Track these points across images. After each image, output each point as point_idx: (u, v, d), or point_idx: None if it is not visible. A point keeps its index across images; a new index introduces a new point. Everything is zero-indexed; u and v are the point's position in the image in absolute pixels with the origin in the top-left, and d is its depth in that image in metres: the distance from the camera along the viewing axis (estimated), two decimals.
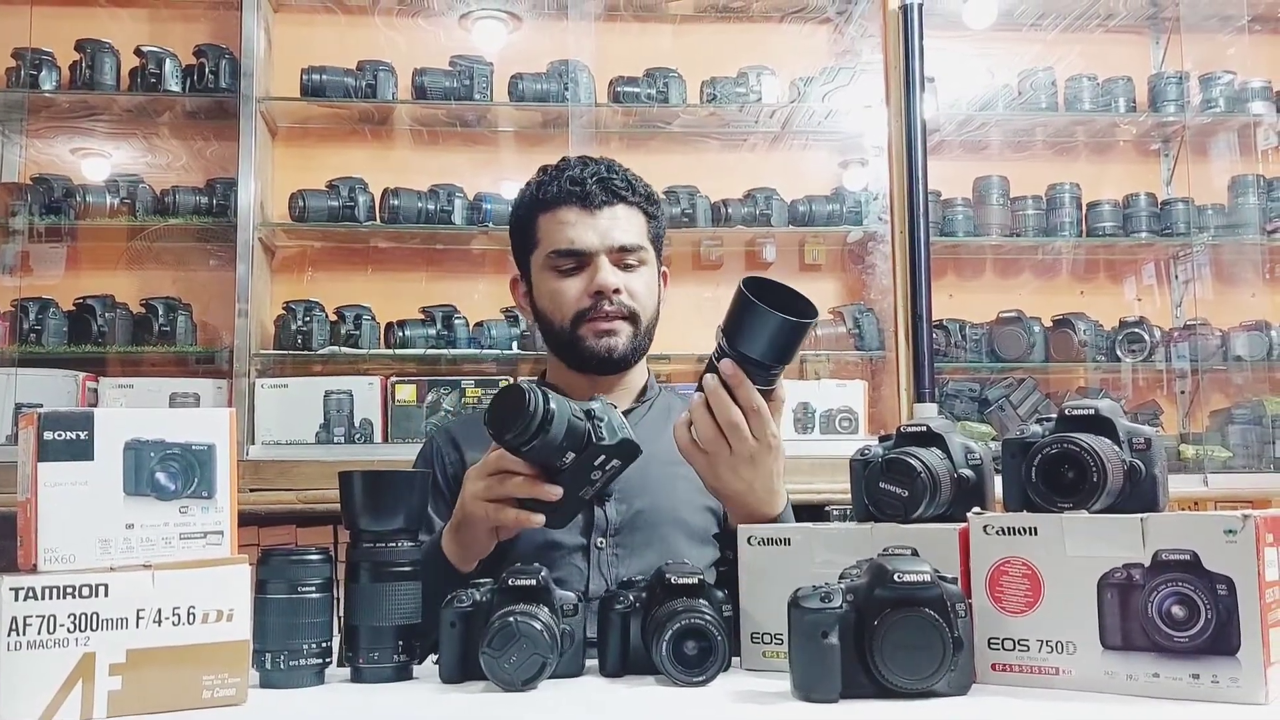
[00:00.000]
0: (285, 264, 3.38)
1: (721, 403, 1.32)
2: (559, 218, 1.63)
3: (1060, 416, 1.15)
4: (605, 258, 1.61)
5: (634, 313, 1.62)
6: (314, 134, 3.43)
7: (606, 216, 1.62)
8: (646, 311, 1.65)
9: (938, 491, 1.18)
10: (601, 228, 1.62)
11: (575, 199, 1.62)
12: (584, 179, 1.63)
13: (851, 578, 1.07)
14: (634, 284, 1.63)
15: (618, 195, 1.63)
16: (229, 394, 2.99)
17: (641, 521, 1.58)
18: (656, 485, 1.60)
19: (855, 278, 3.52)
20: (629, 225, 1.64)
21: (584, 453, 1.29)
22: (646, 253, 1.66)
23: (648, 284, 1.65)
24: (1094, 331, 3.39)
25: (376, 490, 1.20)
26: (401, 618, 1.18)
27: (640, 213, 1.67)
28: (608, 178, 1.64)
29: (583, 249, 1.61)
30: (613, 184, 1.63)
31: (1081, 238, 3.49)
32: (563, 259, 1.62)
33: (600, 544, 1.56)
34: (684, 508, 1.60)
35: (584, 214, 1.62)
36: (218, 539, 1.09)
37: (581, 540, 1.57)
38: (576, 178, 1.63)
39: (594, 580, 1.54)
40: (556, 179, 1.65)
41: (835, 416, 3.09)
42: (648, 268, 1.66)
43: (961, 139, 3.53)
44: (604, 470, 1.31)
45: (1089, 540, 1.06)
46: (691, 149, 3.49)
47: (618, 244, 1.62)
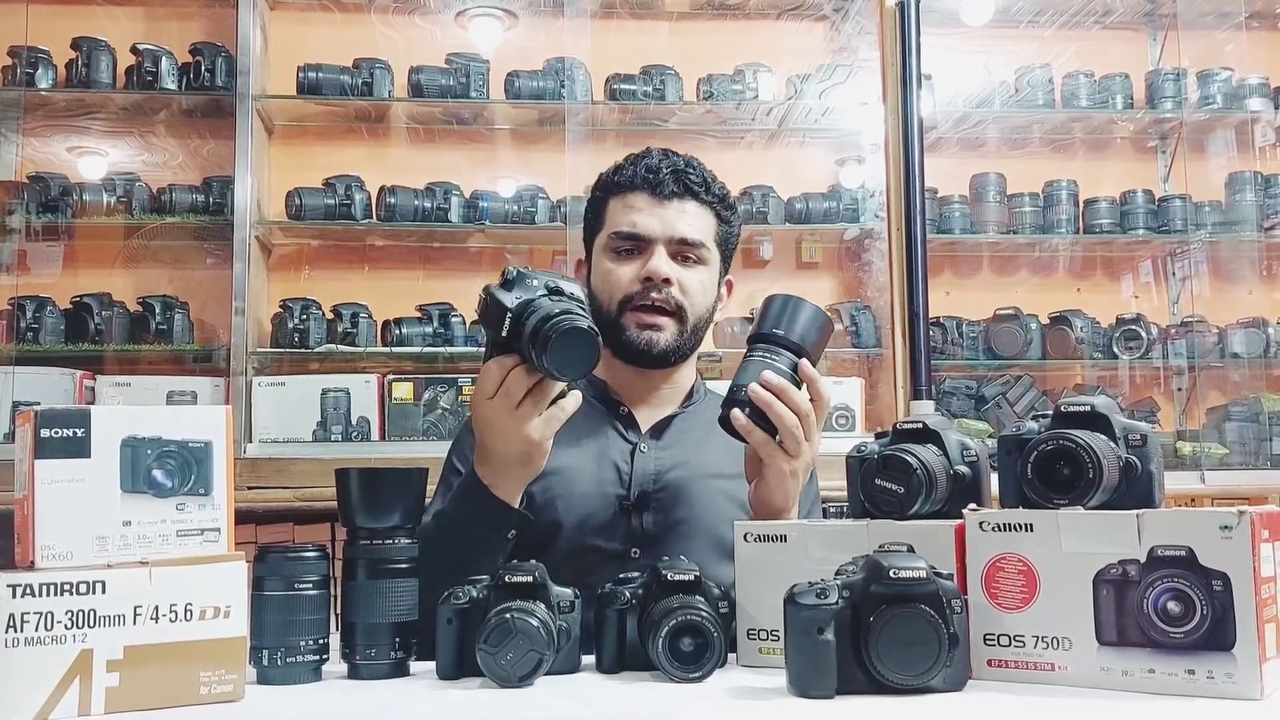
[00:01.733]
0: (282, 262, 3.38)
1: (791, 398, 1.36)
2: (627, 201, 1.62)
3: (1056, 413, 1.15)
4: (663, 247, 1.59)
5: (681, 308, 1.59)
6: (310, 132, 3.43)
7: (675, 208, 1.60)
8: (696, 310, 1.61)
9: (934, 488, 1.18)
10: (667, 218, 1.60)
11: (647, 185, 1.61)
12: (659, 168, 1.61)
13: (847, 574, 1.07)
14: (688, 279, 1.60)
15: (690, 190, 1.61)
16: (226, 392, 2.99)
17: (678, 534, 1.55)
18: (695, 497, 1.58)
19: (852, 275, 3.52)
20: (696, 220, 1.62)
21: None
22: (708, 252, 1.63)
23: (703, 283, 1.62)
24: (1091, 329, 3.39)
25: (373, 488, 1.20)
26: (398, 615, 1.18)
27: (711, 213, 1.64)
28: (684, 170, 1.62)
29: (643, 234, 1.59)
30: (688, 177, 1.61)
31: (1078, 235, 3.50)
32: (622, 241, 1.60)
33: (635, 553, 1.54)
34: (721, 523, 1.55)
35: (652, 201, 1.60)
36: (215, 536, 1.09)
37: (619, 548, 1.55)
38: (653, 166, 1.62)
39: None
40: (634, 164, 1.64)
41: (832, 414, 3.09)
42: (706, 268, 1.63)
43: (958, 136, 3.54)
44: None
45: (1085, 536, 1.06)
46: (688, 146, 3.43)
47: (679, 235, 1.59)
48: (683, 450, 1.62)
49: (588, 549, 1.54)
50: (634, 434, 1.63)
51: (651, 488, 1.58)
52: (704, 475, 1.59)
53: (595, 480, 1.57)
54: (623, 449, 1.61)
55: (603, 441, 1.61)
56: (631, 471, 1.59)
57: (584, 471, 1.58)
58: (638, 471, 1.59)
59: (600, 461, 1.59)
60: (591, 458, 1.59)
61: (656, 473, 1.59)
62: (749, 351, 1.41)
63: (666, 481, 1.59)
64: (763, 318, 1.43)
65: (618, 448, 1.61)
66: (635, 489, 1.57)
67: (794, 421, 1.36)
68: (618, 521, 1.55)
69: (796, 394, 1.37)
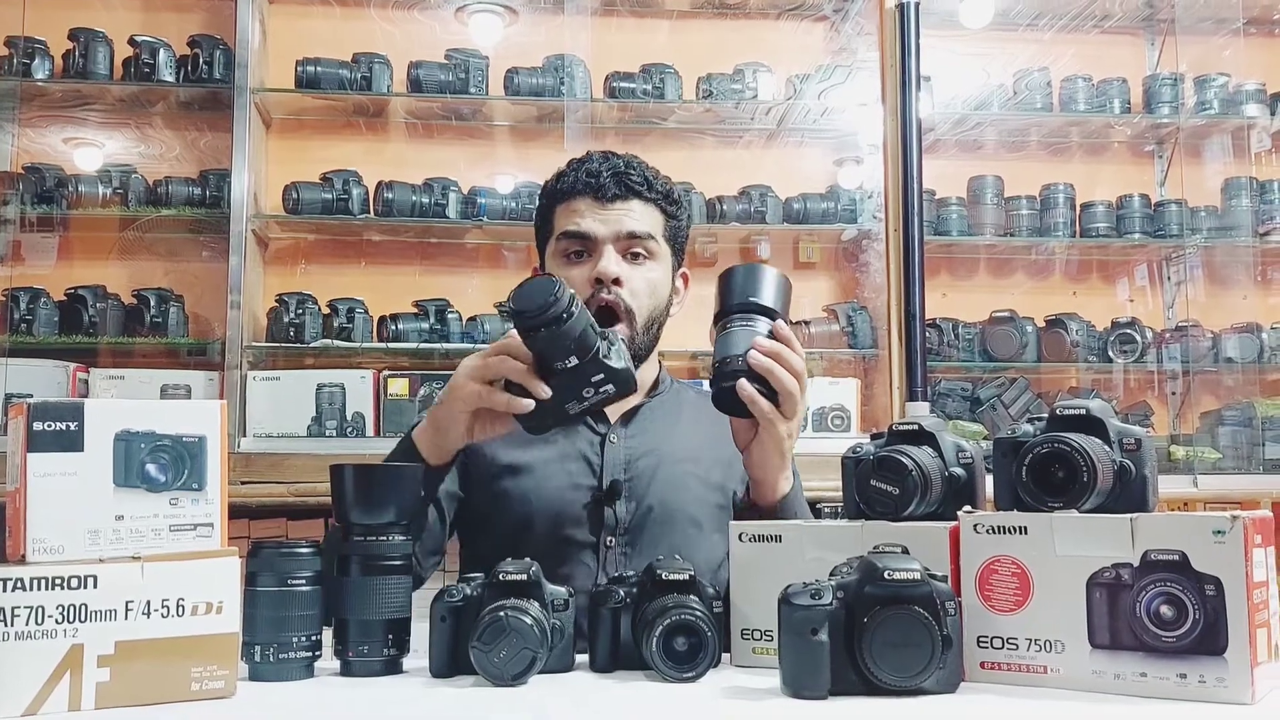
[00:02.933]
0: (278, 256, 3.38)
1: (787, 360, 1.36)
2: (572, 207, 1.64)
3: (1051, 416, 1.16)
4: (611, 247, 1.61)
5: (630, 311, 1.60)
6: (308, 126, 3.42)
7: (619, 209, 1.62)
8: (645, 309, 1.63)
9: (929, 490, 1.18)
10: (611, 219, 1.62)
11: (589, 190, 1.63)
12: (599, 171, 1.63)
13: (842, 575, 1.07)
14: (637, 279, 1.62)
15: (632, 190, 1.63)
16: (220, 386, 2.98)
17: (651, 520, 1.59)
18: (666, 483, 1.61)
19: (849, 276, 3.52)
20: (642, 217, 1.64)
21: (587, 362, 1.28)
22: (657, 245, 1.65)
23: (652, 281, 1.64)
24: (1086, 332, 3.39)
25: (368, 484, 1.20)
26: (392, 612, 1.18)
27: (657, 209, 1.66)
28: (624, 172, 1.64)
29: (589, 235, 1.61)
30: (629, 178, 1.63)
31: (1075, 238, 3.50)
32: (570, 242, 1.62)
33: (610, 542, 1.57)
34: (694, 504, 1.62)
35: (595, 205, 1.62)
36: (208, 531, 1.09)
37: (591, 538, 1.57)
38: (593, 170, 1.64)
39: (602, 578, 1.54)
40: (575, 170, 1.66)
41: (828, 414, 3.09)
42: (656, 262, 1.65)
43: (956, 138, 3.54)
44: (596, 390, 1.29)
45: (1078, 540, 1.06)
46: (687, 145, 3.49)
47: (625, 230, 1.61)
48: (652, 437, 1.65)
49: (562, 541, 1.57)
50: (603, 425, 1.65)
51: (622, 476, 1.60)
52: (674, 460, 1.62)
53: (565, 473, 1.60)
54: (592, 440, 1.64)
55: (572, 435, 1.64)
56: (602, 462, 1.61)
57: (554, 465, 1.61)
58: (608, 461, 1.61)
59: (570, 454, 1.62)
60: (561, 451, 1.62)
61: (627, 460, 1.62)
62: (724, 324, 1.39)
63: (637, 469, 1.62)
64: (727, 290, 1.41)
65: (586, 440, 1.64)
66: (606, 478, 1.60)
67: (794, 383, 1.35)
68: (590, 512, 1.58)
69: (790, 354, 1.36)
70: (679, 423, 1.66)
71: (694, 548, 1.57)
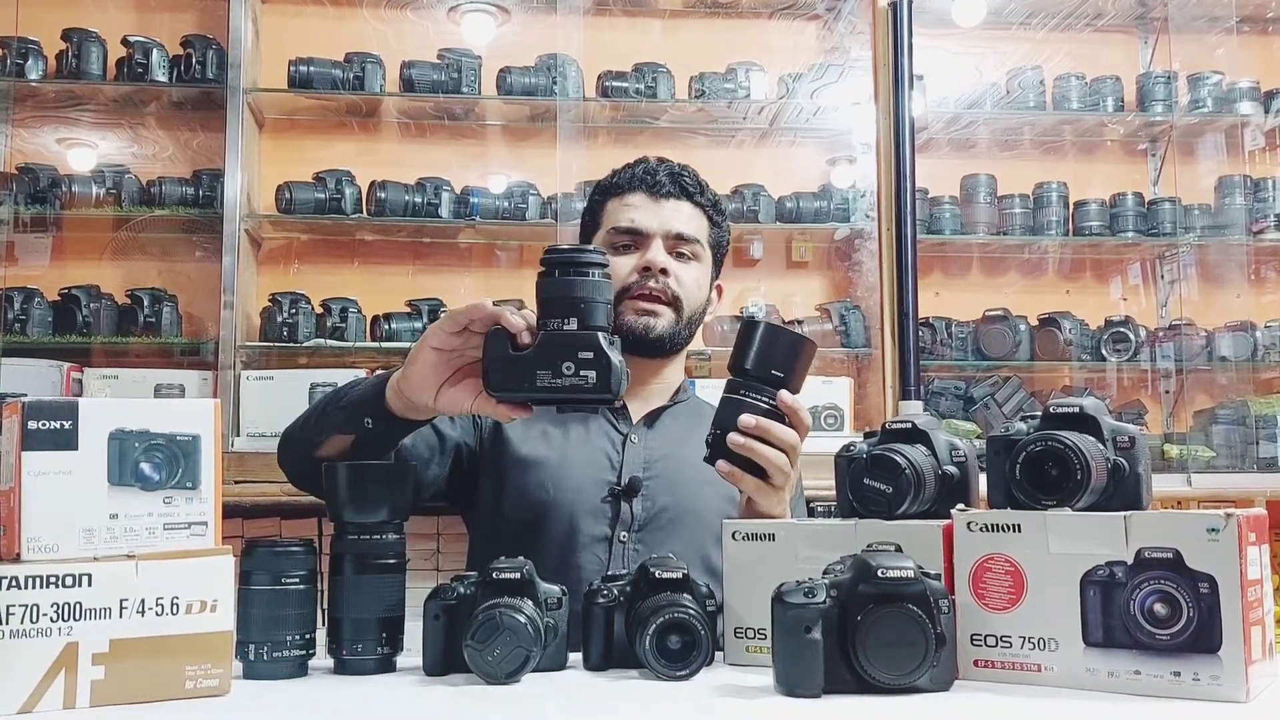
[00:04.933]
0: (271, 256, 3.37)
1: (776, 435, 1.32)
2: (625, 201, 1.70)
3: (1045, 414, 1.16)
4: (660, 240, 1.67)
5: (677, 298, 1.66)
6: (301, 126, 3.42)
7: (670, 207, 1.69)
8: (690, 302, 1.68)
9: (922, 488, 1.18)
10: (663, 215, 1.68)
11: (644, 186, 1.69)
12: (657, 170, 1.71)
13: (835, 573, 1.07)
14: (683, 272, 1.67)
15: (686, 192, 1.70)
16: (214, 385, 2.98)
17: (666, 519, 1.61)
18: (683, 485, 1.63)
19: (842, 275, 3.53)
20: (690, 219, 1.70)
21: (584, 332, 1.17)
22: (702, 249, 1.71)
23: (696, 278, 1.70)
24: (1079, 330, 3.40)
25: (362, 483, 1.20)
26: (386, 610, 1.18)
27: (704, 215, 1.73)
28: (680, 174, 1.71)
29: (641, 228, 1.67)
30: (683, 180, 1.71)
31: (1068, 237, 3.50)
32: (620, 236, 1.67)
33: (624, 538, 1.59)
34: (707, 509, 1.62)
35: (649, 200, 1.69)
36: (202, 530, 1.09)
37: (606, 532, 1.59)
38: (651, 168, 1.71)
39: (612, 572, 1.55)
40: (632, 168, 1.73)
41: (821, 413, 3.09)
42: (700, 264, 1.71)
43: (949, 137, 3.54)
44: (578, 371, 1.16)
45: (1072, 538, 1.07)
46: (679, 145, 3.48)
47: (675, 230, 1.67)
48: (672, 442, 1.67)
49: (576, 532, 1.58)
50: (625, 424, 1.68)
51: (642, 474, 1.62)
52: (692, 465, 1.61)
53: (585, 465, 1.62)
54: (614, 438, 1.66)
55: (594, 430, 1.66)
56: (622, 459, 1.63)
57: (574, 457, 1.63)
58: (628, 459, 1.63)
59: (590, 449, 1.64)
60: (582, 445, 1.64)
61: (647, 461, 1.64)
62: (727, 388, 1.35)
63: (656, 470, 1.64)
64: (741, 349, 1.34)
65: (609, 436, 1.66)
66: (625, 476, 1.61)
67: (780, 459, 1.32)
68: (607, 507, 1.60)
69: (779, 430, 1.32)
70: (696, 429, 1.66)
71: (705, 550, 1.58)
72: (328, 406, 1.42)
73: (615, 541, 1.59)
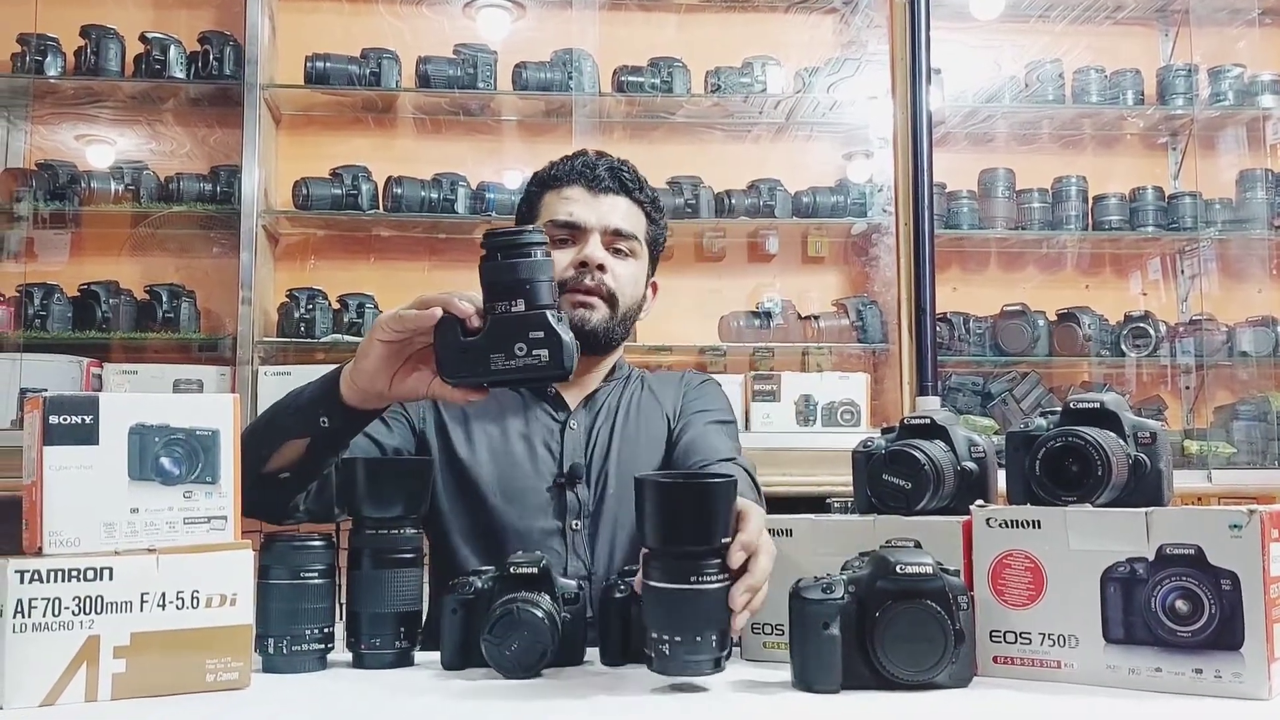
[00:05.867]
0: (288, 252, 3.39)
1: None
2: (563, 194, 1.68)
3: (1065, 409, 1.15)
4: (598, 235, 1.65)
5: (613, 294, 1.65)
6: (318, 122, 3.43)
7: (608, 202, 1.67)
8: (626, 299, 1.67)
9: (941, 484, 1.18)
10: (601, 209, 1.67)
11: (583, 180, 1.68)
12: (595, 164, 1.69)
13: (853, 569, 1.07)
14: (620, 269, 1.66)
15: (624, 187, 1.69)
16: (232, 381, 3.00)
17: (613, 500, 1.61)
18: (629, 461, 1.63)
19: (858, 270, 3.52)
20: (628, 215, 1.69)
21: (532, 312, 1.16)
22: (639, 245, 1.70)
23: (633, 274, 1.69)
24: (1099, 326, 3.38)
25: (379, 477, 1.21)
26: (403, 604, 1.19)
27: (641, 211, 1.72)
28: (618, 168, 1.70)
29: (579, 223, 1.65)
30: (622, 175, 1.69)
31: (1087, 231, 3.49)
32: (558, 229, 1.66)
33: (576, 525, 1.59)
34: None
35: (587, 194, 1.67)
36: (221, 524, 1.10)
37: (557, 523, 1.59)
38: (589, 162, 1.70)
39: (571, 562, 1.57)
40: (570, 161, 1.71)
41: (837, 409, 3.09)
42: (637, 261, 1.70)
43: (967, 131, 3.53)
44: (530, 351, 1.15)
45: (1093, 534, 1.06)
46: (695, 139, 3.49)
47: (612, 226, 1.66)
48: (609, 420, 1.68)
49: (528, 530, 1.58)
50: (562, 413, 1.68)
51: (582, 459, 1.63)
52: (631, 442, 1.65)
53: (526, 460, 1.62)
54: (551, 428, 1.66)
55: (531, 423, 1.66)
56: (562, 448, 1.63)
57: (514, 454, 1.62)
58: (568, 447, 1.64)
59: (529, 443, 1.64)
60: (521, 439, 1.64)
61: (586, 444, 1.64)
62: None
63: (595, 452, 1.64)
64: (650, 525, 1.04)
65: (546, 427, 1.66)
66: (566, 464, 1.62)
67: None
68: (551, 498, 1.60)
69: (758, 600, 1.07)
70: (637, 405, 1.69)
71: None
72: (274, 417, 1.40)
73: (568, 530, 1.59)
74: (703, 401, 1.72)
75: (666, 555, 1.02)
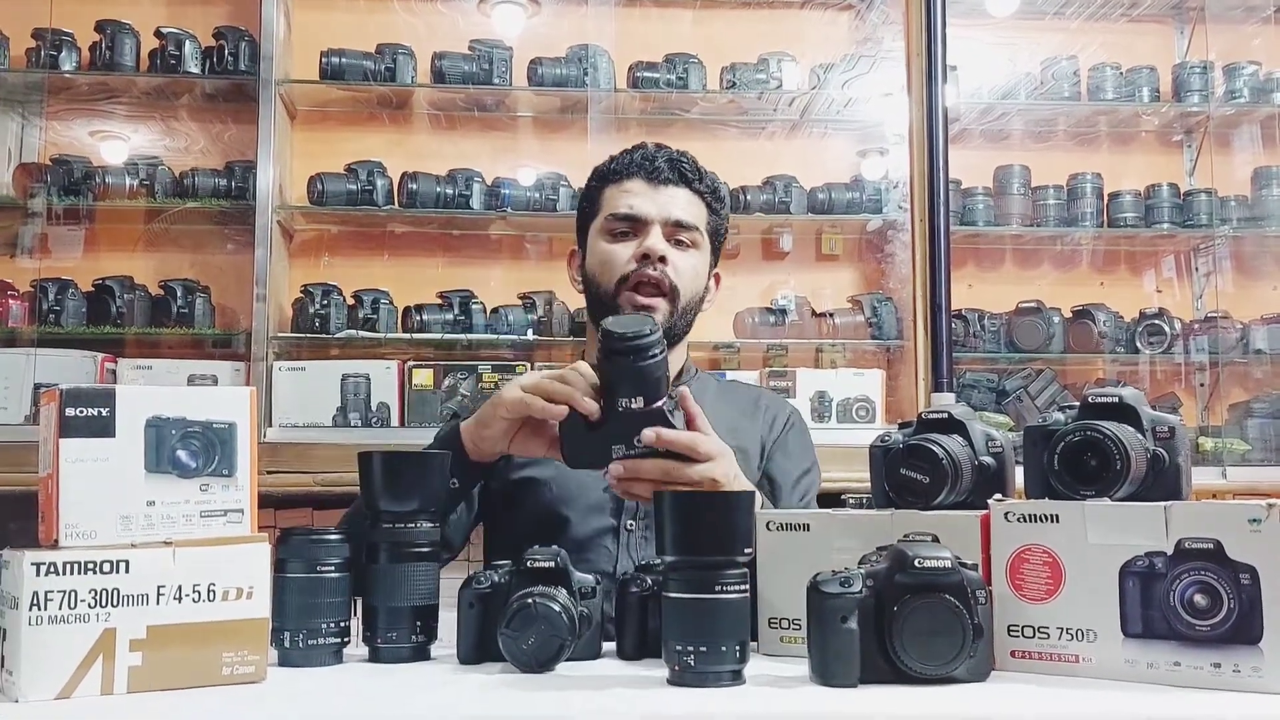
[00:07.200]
0: (303, 247, 3.39)
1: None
2: (624, 187, 1.70)
3: (1083, 404, 1.15)
4: (659, 227, 1.66)
5: (674, 288, 1.65)
6: (333, 117, 3.43)
7: (669, 194, 1.69)
8: (687, 292, 1.68)
9: (959, 478, 1.18)
10: (661, 201, 1.68)
11: (642, 172, 1.69)
12: (655, 156, 1.71)
13: (871, 563, 1.07)
14: (681, 261, 1.67)
15: (684, 178, 1.70)
16: (247, 376, 3.00)
17: None
18: None
19: (874, 267, 3.51)
20: (688, 206, 1.70)
21: (651, 410, 1.27)
22: (700, 237, 1.71)
23: (694, 266, 1.70)
24: (1113, 323, 3.37)
25: (396, 471, 1.20)
26: (420, 598, 1.18)
27: (703, 202, 1.73)
28: (678, 160, 1.71)
29: (639, 215, 1.67)
30: (682, 166, 1.70)
31: (1102, 228, 3.47)
32: (619, 222, 1.68)
33: (630, 526, 1.59)
34: None
35: (648, 186, 1.68)
36: (238, 517, 1.10)
37: (612, 522, 1.60)
38: (649, 154, 1.71)
39: (622, 562, 1.56)
40: (630, 154, 1.73)
41: (852, 405, 3.08)
42: (699, 252, 1.71)
43: (983, 128, 3.52)
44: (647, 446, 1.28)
45: (1111, 528, 1.06)
46: (710, 136, 3.48)
47: (674, 217, 1.67)
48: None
49: (583, 528, 1.59)
50: None
51: None
52: None
53: None
54: None
55: None
56: None
57: None
58: None
59: None
60: None
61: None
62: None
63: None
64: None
65: None
66: None
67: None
68: (608, 498, 1.59)
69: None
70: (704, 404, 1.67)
71: None
72: None
73: (622, 530, 1.59)
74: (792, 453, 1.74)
75: (687, 566, 1.05)
